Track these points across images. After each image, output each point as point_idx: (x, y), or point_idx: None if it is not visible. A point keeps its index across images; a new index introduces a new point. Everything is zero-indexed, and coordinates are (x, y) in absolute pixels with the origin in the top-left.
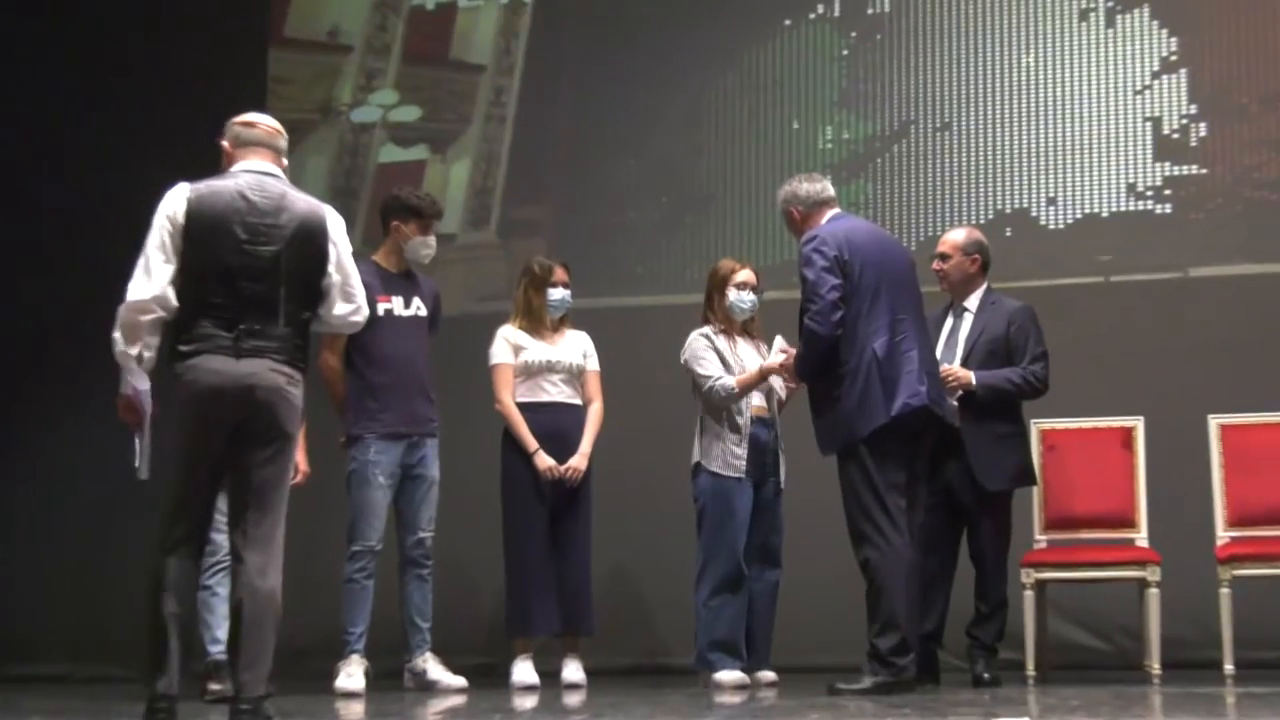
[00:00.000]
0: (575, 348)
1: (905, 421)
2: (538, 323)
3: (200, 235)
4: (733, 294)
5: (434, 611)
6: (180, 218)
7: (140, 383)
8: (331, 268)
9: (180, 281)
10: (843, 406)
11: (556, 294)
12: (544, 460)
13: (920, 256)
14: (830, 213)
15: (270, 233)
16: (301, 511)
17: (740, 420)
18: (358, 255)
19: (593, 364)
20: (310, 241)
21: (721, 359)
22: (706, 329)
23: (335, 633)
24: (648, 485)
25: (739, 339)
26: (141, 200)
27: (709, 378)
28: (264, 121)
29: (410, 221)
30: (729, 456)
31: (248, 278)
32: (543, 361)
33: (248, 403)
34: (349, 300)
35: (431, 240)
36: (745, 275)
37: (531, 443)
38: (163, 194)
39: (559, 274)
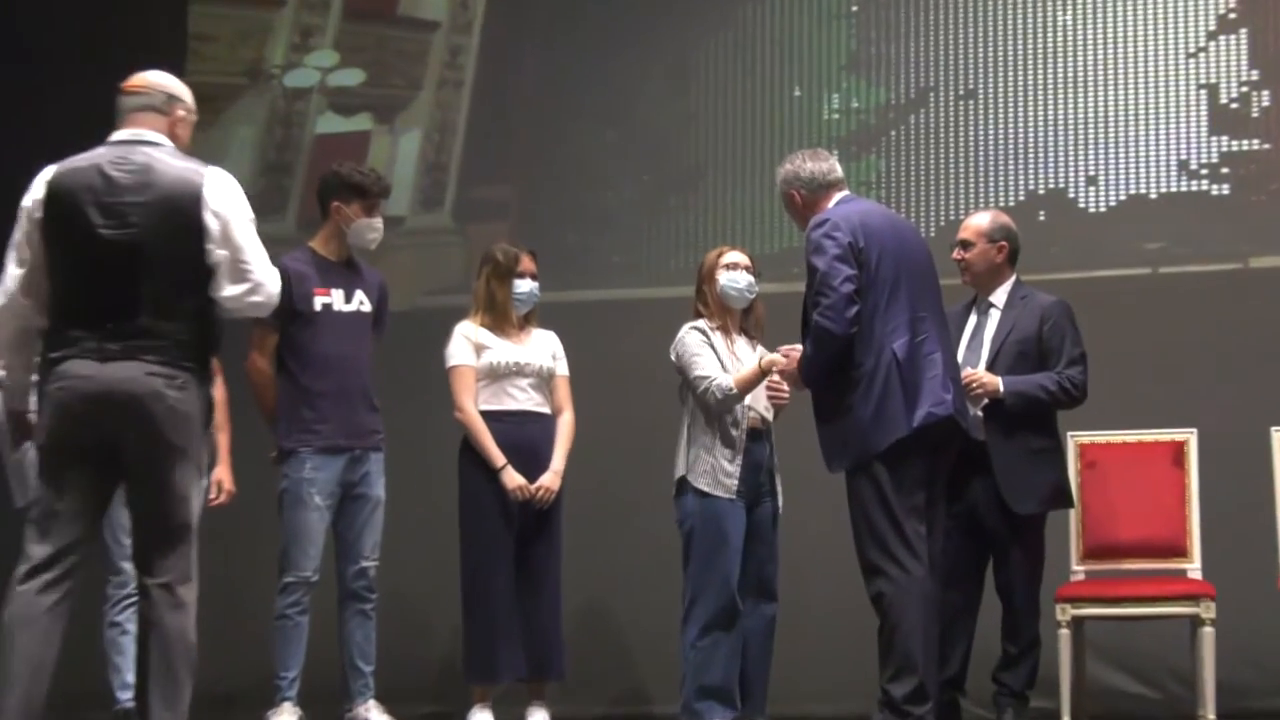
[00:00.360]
0: (544, 348)
1: (927, 434)
2: (502, 319)
3: (56, 224)
4: (723, 277)
5: (379, 652)
6: (37, 209)
7: None
8: (212, 244)
9: (47, 281)
10: (856, 415)
11: (524, 286)
12: (513, 478)
13: (939, 244)
14: (838, 195)
15: (129, 212)
16: (227, 537)
17: (735, 432)
18: (294, 242)
19: (562, 368)
20: (178, 215)
21: (717, 357)
22: (700, 322)
23: (265, 677)
24: (625, 507)
25: (738, 338)
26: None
27: (705, 378)
28: (142, 80)
29: (353, 202)
30: (719, 473)
31: (106, 268)
32: (509, 363)
33: (119, 412)
34: (240, 280)
35: (377, 223)
36: (735, 255)
37: (498, 457)
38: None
39: (526, 263)
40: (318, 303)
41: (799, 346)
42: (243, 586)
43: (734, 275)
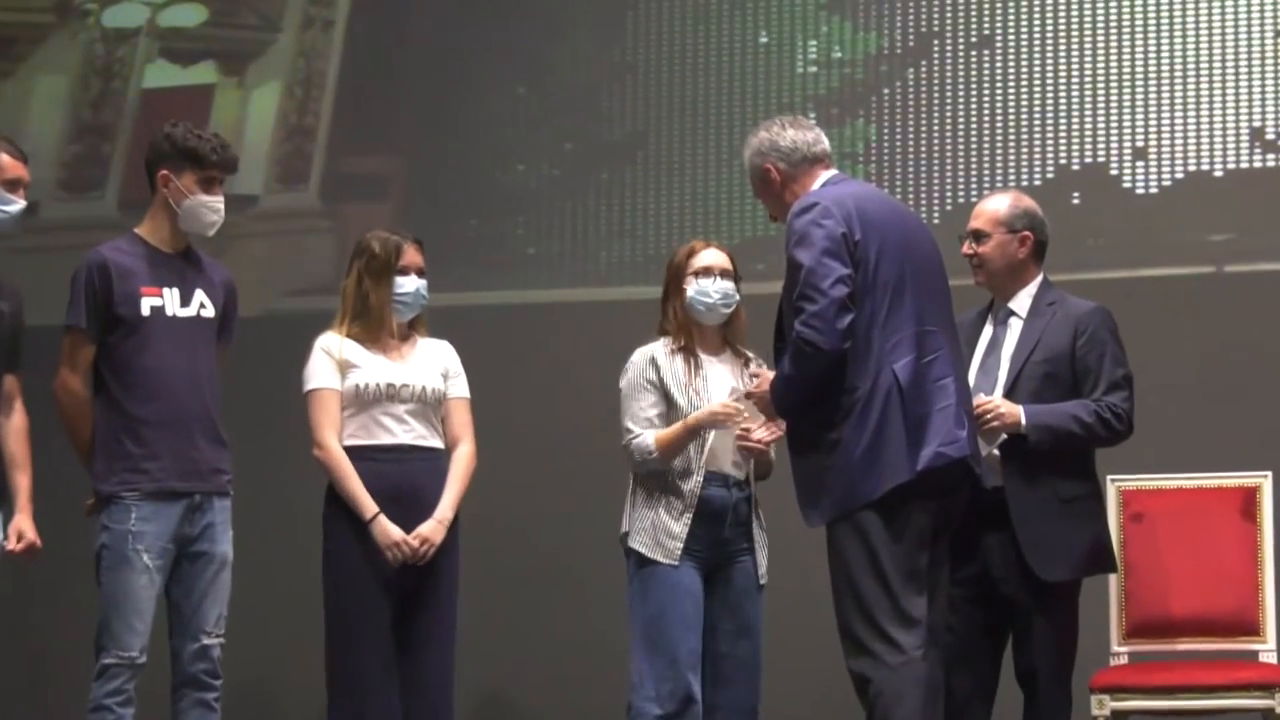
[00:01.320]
0: (431, 365)
1: (934, 480)
2: (377, 327)
3: None
4: (691, 286)
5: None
6: None
7: None
8: None
9: None
10: (845, 453)
11: (407, 285)
12: (386, 531)
13: (945, 235)
14: (825, 174)
15: None
16: (32, 605)
17: (685, 485)
18: (116, 227)
19: (458, 389)
20: None
21: (666, 394)
22: (657, 345)
23: None
24: (550, 566)
25: (712, 358)
26: None
27: (627, 432)
28: None
29: (185, 172)
30: (660, 533)
31: None
32: (381, 386)
33: None
34: None
35: (216, 202)
36: (709, 256)
37: (368, 505)
38: None
39: (410, 254)
40: (145, 305)
41: (764, 370)
42: (51, 668)
43: (704, 284)
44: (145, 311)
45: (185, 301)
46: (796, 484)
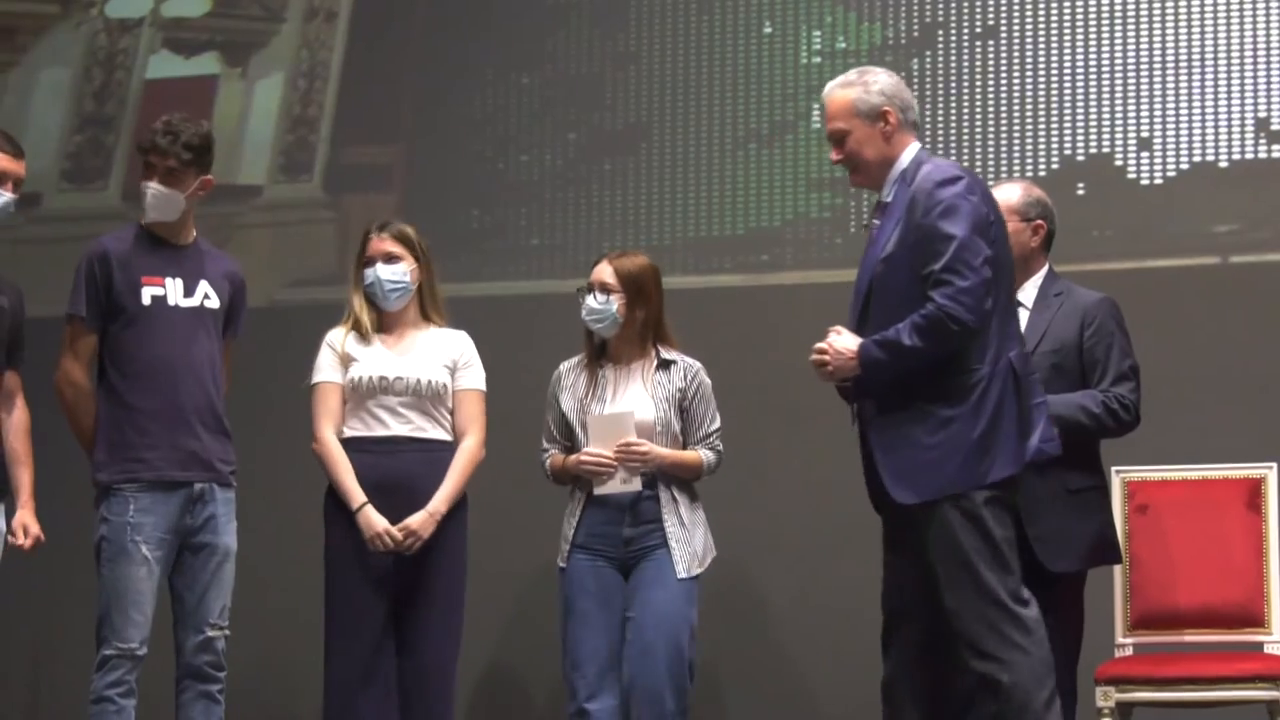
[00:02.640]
0: (434, 355)
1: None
2: (361, 320)
3: None
4: (583, 304)
5: None
6: None
7: None
8: None
9: None
10: (957, 434)
11: (369, 275)
12: (370, 522)
13: None
14: (916, 145)
15: None
16: (35, 598)
17: (579, 488)
18: (119, 218)
19: (470, 379)
20: None
21: (560, 415)
22: (570, 360)
23: None
24: (552, 560)
25: (622, 368)
26: None
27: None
28: None
29: (143, 162)
30: (561, 537)
31: None
32: (374, 378)
33: None
34: None
35: (151, 186)
36: (599, 271)
37: (356, 496)
38: None
39: (374, 244)
40: (146, 294)
41: (844, 334)
42: (54, 660)
43: (589, 301)
44: (146, 301)
45: (189, 292)
46: (890, 460)
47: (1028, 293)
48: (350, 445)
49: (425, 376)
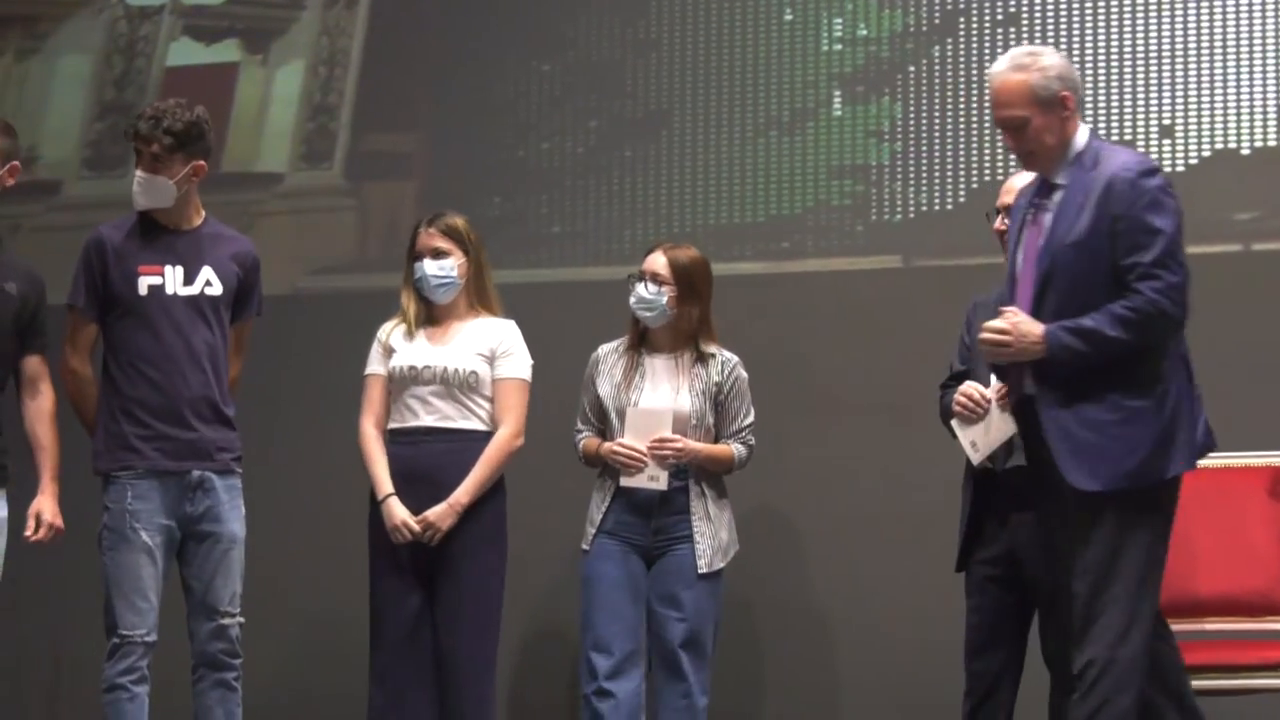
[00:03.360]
0: (471, 344)
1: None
2: (410, 312)
3: None
4: (633, 291)
5: None
6: None
7: None
8: None
9: None
10: (1146, 425)
11: (418, 270)
12: (391, 513)
13: (971, 212)
14: (1086, 127)
15: None
16: (51, 583)
17: (610, 475)
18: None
19: (507, 368)
20: None
21: (596, 398)
22: (611, 344)
23: None
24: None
25: (670, 356)
26: None
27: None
28: None
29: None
30: (588, 521)
31: None
32: (405, 369)
33: None
34: None
35: (138, 176)
36: (652, 261)
37: (382, 485)
38: None
39: (423, 239)
40: (142, 284)
41: (1021, 316)
42: (75, 647)
43: (640, 290)
44: (142, 291)
45: (189, 279)
46: (1065, 444)
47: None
48: (389, 437)
49: (454, 365)
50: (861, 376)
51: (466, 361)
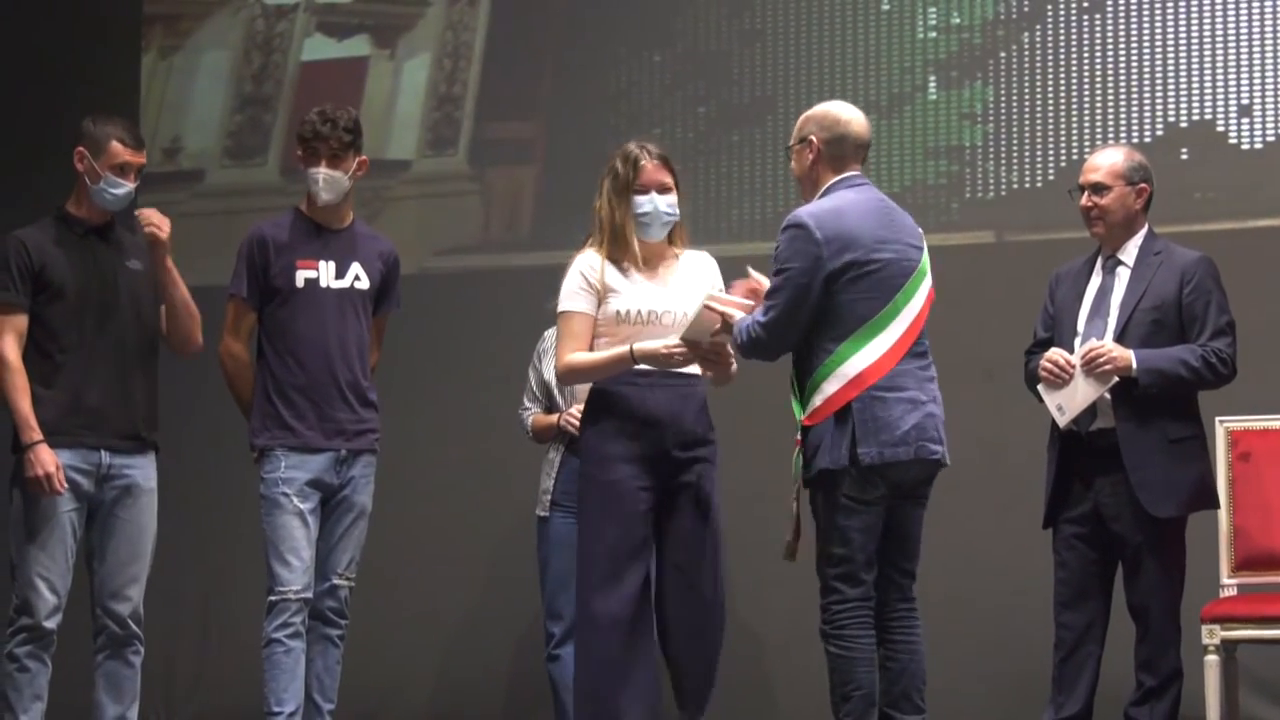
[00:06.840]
0: (692, 285)
1: None
2: (624, 248)
3: None
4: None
5: (351, 692)
6: None
7: None
8: None
9: None
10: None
11: (644, 204)
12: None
13: (1058, 188)
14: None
15: None
16: (202, 548)
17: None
18: (277, 192)
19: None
20: None
21: (541, 377)
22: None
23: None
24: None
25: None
26: None
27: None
28: None
29: (302, 150)
30: (540, 488)
31: None
32: (643, 313)
33: None
34: None
35: (325, 171)
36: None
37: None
38: None
39: (649, 172)
40: (300, 277)
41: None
42: (224, 608)
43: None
44: (299, 283)
45: (340, 274)
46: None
47: (1129, 252)
48: (614, 380)
49: (691, 310)
50: (957, 345)
51: (694, 307)
